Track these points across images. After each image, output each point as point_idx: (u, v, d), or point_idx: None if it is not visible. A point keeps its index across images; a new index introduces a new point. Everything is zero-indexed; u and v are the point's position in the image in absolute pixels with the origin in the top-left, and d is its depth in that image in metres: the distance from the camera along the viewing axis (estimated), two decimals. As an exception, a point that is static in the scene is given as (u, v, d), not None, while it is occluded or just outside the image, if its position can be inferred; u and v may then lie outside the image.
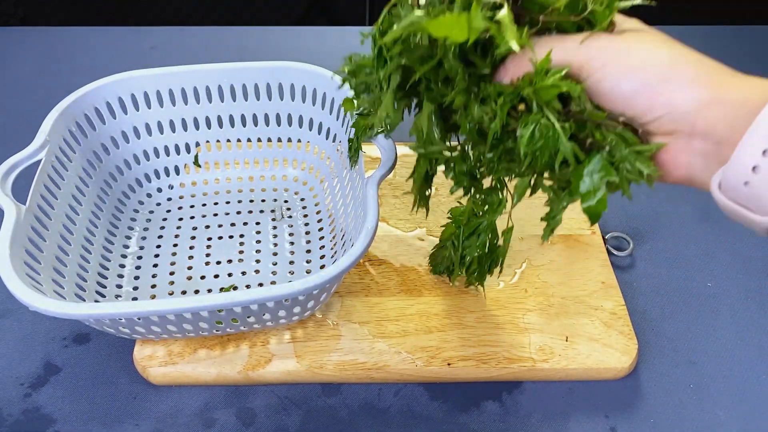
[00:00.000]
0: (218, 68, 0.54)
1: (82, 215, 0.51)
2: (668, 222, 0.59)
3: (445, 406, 0.46)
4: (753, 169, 0.27)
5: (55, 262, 0.46)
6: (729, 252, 0.57)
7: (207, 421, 0.45)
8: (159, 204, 0.58)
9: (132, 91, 0.54)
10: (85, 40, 0.80)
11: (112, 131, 0.55)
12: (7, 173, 0.45)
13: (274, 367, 0.46)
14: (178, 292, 0.51)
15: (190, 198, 0.59)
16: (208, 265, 0.53)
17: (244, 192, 0.59)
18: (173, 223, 0.56)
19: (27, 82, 0.74)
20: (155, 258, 0.53)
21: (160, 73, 0.54)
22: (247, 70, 0.55)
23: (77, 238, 0.50)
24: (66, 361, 0.48)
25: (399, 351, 0.47)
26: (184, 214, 0.57)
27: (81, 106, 0.52)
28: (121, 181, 0.57)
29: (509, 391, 0.47)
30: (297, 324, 0.48)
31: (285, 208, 0.57)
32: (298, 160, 0.60)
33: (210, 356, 0.46)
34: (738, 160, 0.27)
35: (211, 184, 0.60)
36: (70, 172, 0.51)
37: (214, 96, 0.56)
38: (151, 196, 0.58)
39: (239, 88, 0.55)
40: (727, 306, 0.53)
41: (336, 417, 0.45)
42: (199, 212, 0.57)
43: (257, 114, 0.57)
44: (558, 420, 0.45)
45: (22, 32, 0.83)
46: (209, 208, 0.58)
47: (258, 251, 0.54)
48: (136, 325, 0.41)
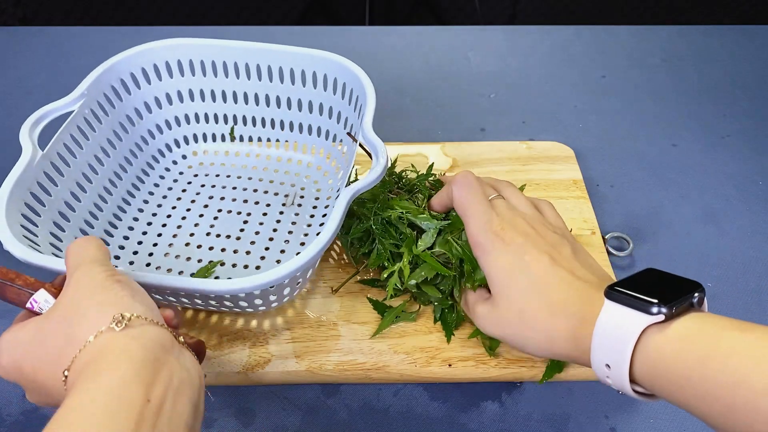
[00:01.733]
0: (254, 47, 0.56)
1: (101, 174, 0.54)
2: (668, 222, 0.59)
3: (445, 406, 0.46)
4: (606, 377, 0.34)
5: (59, 213, 0.49)
6: (729, 252, 0.57)
7: (206, 421, 0.45)
8: (182, 173, 0.60)
9: (167, 59, 0.57)
10: (85, 40, 0.80)
11: (146, 97, 0.58)
12: (38, 121, 0.49)
13: (274, 367, 0.46)
14: (173, 255, 0.52)
15: (210, 167, 0.61)
16: (209, 236, 0.54)
17: (268, 171, 0.60)
18: (194, 190, 0.59)
19: (27, 82, 0.74)
20: (166, 219, 0.56)
21: (197, 44, 0.57)
22: (284, 53, 0.56)
23: (90, 195, 0.52)
24: (65, 361, 0.48)
25: (398, 351, 0.47)
26: (206, 181, 0.59)
27: (124, 66, 0.55)
28: (152, 145, 0.60)
29: (509, 391, 0.47)
30: (296, 324, 0.48)
31: (299, 195, 0.58)
32: (325, 150, 0.60)
33: (209, 356, 0.46)
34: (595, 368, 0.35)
35: (232, 157, 0.62)
36: (99, 131, 0.53)
37: (245, 73, 0.58)
38: (176, 163, 0.61)
39: (276, 69, 0.57)
40: (727, 306, 0.52)
41: (335, 417, 0.45)
42: (220, 183, 0.59)
43: (291, 98, 0.58)
44: (558, 420, 0.45)
45: (22, 32, 0.83)
46: (231, 181, 0.60)
47: (257, 233, 0.54)
48: None
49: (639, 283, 0.34)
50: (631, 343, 0.32)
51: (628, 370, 0.32)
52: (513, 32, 0.84)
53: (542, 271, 0.38)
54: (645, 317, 0.32)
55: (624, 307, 0.33)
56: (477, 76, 0.77)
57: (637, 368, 0.32)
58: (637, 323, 0.32)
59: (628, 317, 0.32)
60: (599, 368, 0.34)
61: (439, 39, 0.83)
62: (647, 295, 0.32)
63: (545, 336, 0.37)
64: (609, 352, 0.33)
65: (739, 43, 0.82)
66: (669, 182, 0.63)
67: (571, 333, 0.35)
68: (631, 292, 0.33)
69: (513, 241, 0.39)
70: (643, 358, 0.32)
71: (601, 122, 0.70)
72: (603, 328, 0.33)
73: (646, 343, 0.32)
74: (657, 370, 0.31)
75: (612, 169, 0.64)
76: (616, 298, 0.33)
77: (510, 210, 0.42)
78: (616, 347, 0.32)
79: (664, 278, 0.35)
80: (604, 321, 0.33)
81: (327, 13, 1.69)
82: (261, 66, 0.57)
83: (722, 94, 0.74)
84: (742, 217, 0.60)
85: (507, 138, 0.68)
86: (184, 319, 0.49)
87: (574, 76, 0.77)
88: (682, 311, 0.32)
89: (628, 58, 0.80)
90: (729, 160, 0.66)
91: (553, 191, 0.59)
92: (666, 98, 0.74)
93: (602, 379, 0.34)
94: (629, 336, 0.32)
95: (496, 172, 0.61)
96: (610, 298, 0.34)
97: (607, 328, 0.33)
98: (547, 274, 0.38)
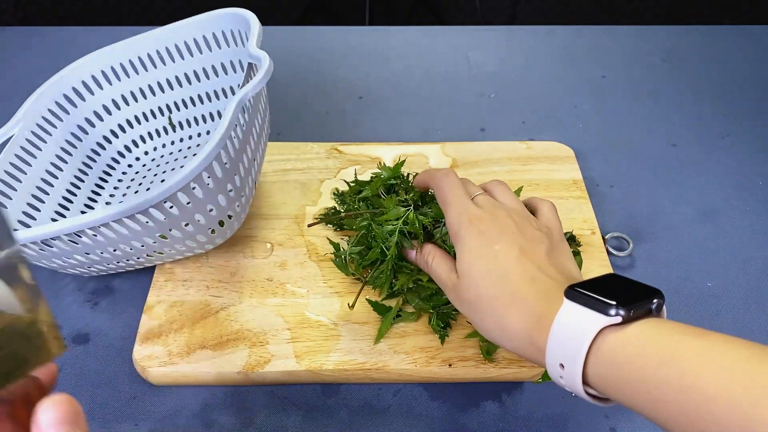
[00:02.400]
0: (159, 32, 0.59)
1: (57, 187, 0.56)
2: (668, 222, 0.59)
3: (445, 406, 0.46)
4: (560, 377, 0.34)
5: (19, 221, 0.50)
6: (729, 252, 0.57)
7: (206, 422, 0.45)
8: (137, 172, 0.62)
9: (92, 73, 0.59)
10: (85, 40, 0.80)
11: (86, 113, 0.60)
12: None
13: (274, 367, 0.46)
14: None
15: (163, 159, 0.63)
16: None
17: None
18: (149, 181, 0.61)
19: (27, 82, 0.74)
20: None
21: (111, 49, 0.59)
22: (175, 28, 0.59)
23: (49, 205, 0.54)
24: (65, 361, 0.48)
25: (398, 351, 0.47)
26: (159, 171, 0.61)
27: (57, 88, 0.58)
28: (100, 162, 0.61)
29: (509, 391, 0.47)
30: (296, 324, 0.49)
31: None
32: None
33: (209, 356, 0.46)
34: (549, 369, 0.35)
35: (181, 143, 0.64)
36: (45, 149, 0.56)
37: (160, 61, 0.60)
38: (131, 166, 0.63)
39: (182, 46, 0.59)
40: (727, 306, 0.52)
41: (335, 417, 0.45)
42: (170, 168, 0.61)
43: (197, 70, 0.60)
44: (558, 420, 0.45)
45: (22, 32, 0.83)
46: (179, 162, 0.62)
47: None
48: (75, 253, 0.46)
49: (600, 286, 0.34)
50: (587, 343, 0.32)
51: (581, 370, 0.32)
52: (513, 32, 0.84)
53: (508, 261, 0.38)
54: (602, 318, 0.32)
55: (582, 307, 0.33)
56: (477, 76, 0.77)
57: (590, 369, 0.32)
58: (594, 323, 0.32)
59: (585, 317, 0.32)
60: (553, 367, 0.34)
61: (439, 39, 0.83)
62: (607, 297, 0.32)
63: (498, 323, 0.37)
64: (564, 351, 0.33)
65: (739, 43, 0.82)
66: (669, 182, 0.63)
67: (527, 328, 0.35)
68: (590, 293, 0.33)
69: (488, 230, 0.40)
70: (597, 359, 0.32)
71: (601, 122, 0.70)
72: (559, 327, 0.33)
73: (602, 344, 0.32)
74: (611, 371, 0.31)
75: (612, 169, 0.64)
76: (574, 298, 0.33)
77: (491, 203, 0.42)
78: (571, 346, 0.32)
79: (625, 283, 0.35)
80: (561, 320, 0.33)
81: (327, 13, 1.69)
82: (169, 48, 0.59)
83: (722, 94, 0.74)
84: (742, 217, 0.60)
85: (507, 138, 0.68)
86: (185, 319, 0.49)
87: (574, 76, 0.77)
88: (640, 315, 0.32)
89: (628, 58, 0.80)
90: (729, 160, 0.66)
91: (553, 191, 0.59)
92: (666, 98, 0.74)
93: (555, 380, 0.34)
94: (585, 336, 0.32)
95: (496, 172, 0.61)
96: (569, 298, 0.34)
97: (564, 327, 0.33)
98: (512, 264, 0.38)
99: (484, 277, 0.38)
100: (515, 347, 0.37)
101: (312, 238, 0.55)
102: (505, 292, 0.37)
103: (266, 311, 0.50)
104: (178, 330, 0.48)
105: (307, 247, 0.55)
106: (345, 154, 0.63)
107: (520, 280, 0.37)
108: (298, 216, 0.57)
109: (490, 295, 0.37)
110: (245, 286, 0.51)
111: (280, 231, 0.56)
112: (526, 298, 0.36)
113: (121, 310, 0.52)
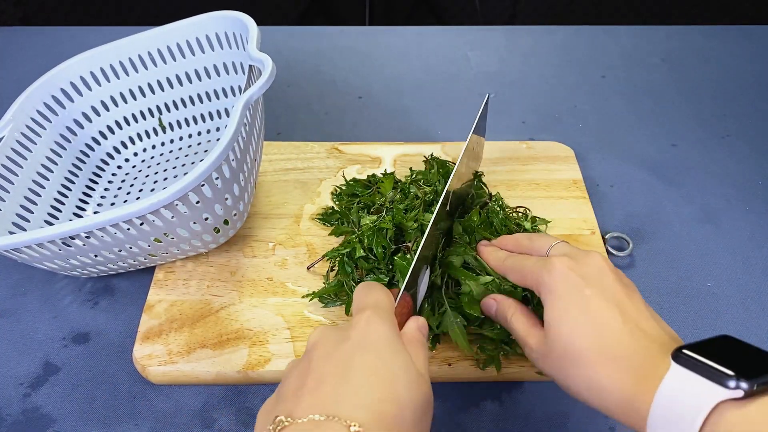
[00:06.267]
0: (150, 33, 0.59)
1: (48, 188, 0.55)
2: (668, 222, 0.59)
3: (445, 406, 0.46)
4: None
5: (12, 224, 0.50)
6: (729, 252, 0.57)
7: (206, 421, 0.45)
8: (128, 173, 0.62)
9: (81, 74, 0.59)
10: (85, 40, 0.80)
11: (74, 114, 0.60)
12: None
13: (274, 367, 0.46)
14: None
15: (154, 160, 0.63)
16: None
17: (202, 146, 0.63)
18: (141, 182, 0.61)
19: (27, 82, 0.74)
20: None
21: (103, 50, 0.59)
22: (170, 30, 0.59)
23: (42, 207, 0.54)
24: (65, 360, 0.48)
25: (399, 351, 0.47)
26: (150, 173, 0.62)
27: (46, 88, 0.58)
28: (89, 163, 0.61)
29: (509, 391, 0.47)
30: (296, 323, 0.49)
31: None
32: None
33: (209, 356, 0.46)
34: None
35: (172, 144, 0.64)
36: (35, 150, 0.55)
37: (150, 62, 0.60)
38: (121, 167, 0.63)
39: (174, 48, 0.59)
40: (727, 306, 0.52)
41: (335, 417, 0.45)
42: (161, 176, 0.61)
43: (188, 72, 0.60)
44: (558, 420, 0.45)
45: (22, 32, 0.83)
46: (171, 164, 0.62)
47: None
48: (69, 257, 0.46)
49: (712, 350, 0.30)
50: (700, 419, 0.28)
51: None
52: (513, 32, 0.84)
53: (602, 310, 0.34)
54: (720, 390, 0.28)
55: (694, 375, 0.29)
56: (477, 76, 0.77)
57: None
58: (710, 396, 0.28)
59: (698, 387, 0.29)
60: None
61: (439, 39, 0.83)
62: (722, 365, 0.28)
63: (587, 378, 0.34)
64: (671, 423, 0.29)
65: (739, 43, 0.82)
66: (669, 182, 0.63)
67: (624, 389, 0.32)
68: (704, 359, 0.29)
69: (576, 275, 0.37)
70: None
71: (601, 122, 0.70)
72: (668, 395, 0.30)
73: (718, 420, 0.28)
74: None
75: (612, 169, 0.64)
76: (685, 363, 0.30)
77: (570, 249, 0.40)
78: (682, 419, 0.29)
79: (742, 348, 0.31)
80: (669, 386, 0.30)
81: (327, 13, 1.69)
82: (161, 49, 0.59)
83: (722, 94, 0.74)
84: (742, 217, 0.60)
85: (507, 138, 0.68)
86: (185, 318, 0.49)
87: (574, 76, 0.77)
88: (764, 390, 0.28)
89: (628, 58, 0.80)
90: (729, 160, 0.66)
91: (553, 191, 0.59)
92: (666, 98, 0.74)
93: None
94: (699, 409, 0.28)
95: (496, 172, 0.61)
96: (678, 362, 0.30)
97: (673, 395, 0.29)
98: (606, 315, 0.34)
99: (577, 326, 0.35)
100: (607, 408, 0.33)
101: (312, 238, 0.55)
102: (600, 346, 0.33)
103: (266, 311, 0.50)
104: (179, 329, 0.48)
105: (307, 246, 0.55)
106: (345, 154, 0.63)
107: (616, 334, 0.33)
108: (298, 215, 0.57)
109: (582, 347, 0.34)
110: (245, 286, 0.51)
111: (280, 230, 0.56)
112: (624, 354, 0.33)
113: (121, 309, 0.52)
